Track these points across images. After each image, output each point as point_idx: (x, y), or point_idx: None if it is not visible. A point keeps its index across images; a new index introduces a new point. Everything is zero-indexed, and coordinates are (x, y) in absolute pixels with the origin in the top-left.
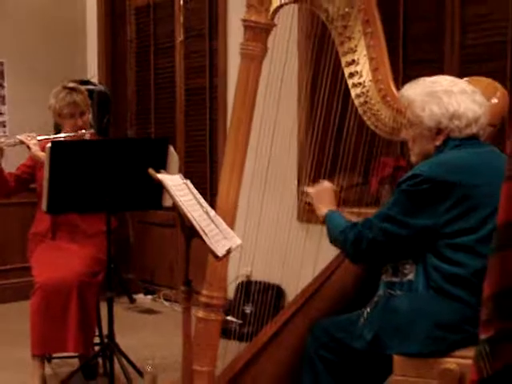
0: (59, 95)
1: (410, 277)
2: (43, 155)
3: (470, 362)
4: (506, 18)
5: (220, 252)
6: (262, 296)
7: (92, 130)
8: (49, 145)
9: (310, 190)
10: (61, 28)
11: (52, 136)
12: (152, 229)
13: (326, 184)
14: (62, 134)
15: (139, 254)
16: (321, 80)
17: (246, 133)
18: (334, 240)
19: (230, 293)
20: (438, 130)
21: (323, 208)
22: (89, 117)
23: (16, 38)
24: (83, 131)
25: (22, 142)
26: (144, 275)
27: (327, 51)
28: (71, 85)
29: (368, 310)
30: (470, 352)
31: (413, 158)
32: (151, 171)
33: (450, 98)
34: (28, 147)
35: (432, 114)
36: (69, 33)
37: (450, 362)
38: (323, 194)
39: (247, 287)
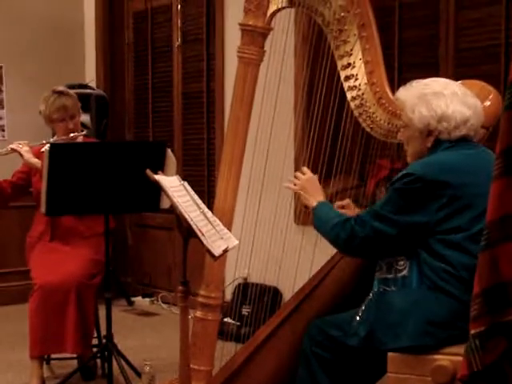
0: (48, 100)
1: (404, 273)
2: (36, 161)
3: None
4: (498, 23)
5: (217, 252)
6: (259, 298)
7: (84, 132)
8: (47, 147)
9: (295, 181)
10: (59, 33)
11: (44, 141)
12: (150, 232)
13: (308, 173)
14: (53, 139)
15: (137, 257)
16: (317, 83)
17: (243, 136)
18: (323, 233)
19: (228, 295)
20: (428, 132)
21: (311, 199)
22: (79, 119)
23: (14, 42)
24: (75, 134)
25: (14, 151)
26: (142, 278)
27: (323, 54)
28: (60, 88)
29: (363, 307)
30: (463, 349)
31: (408, 159)
32: (149, 172)
33: (439, 100)
34: (20, 155)
35: (421, 116)
36: (67, 37)
37: (443, 359)
38: (309, 183)
39: (244, 289)
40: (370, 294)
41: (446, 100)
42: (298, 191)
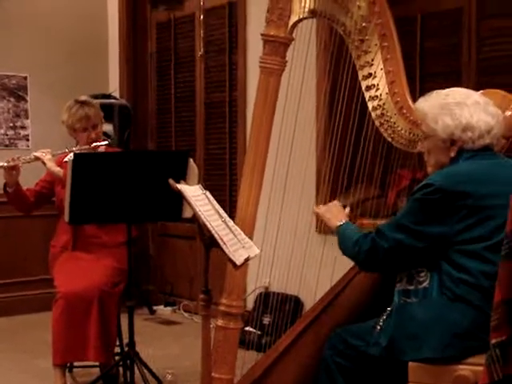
0: (71, 110)
1: (425, 284)
2: (59, 170)
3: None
4: None
5: (238, 261)
6: (280, 307)
7: (106, 142)
8: (71, 156)
9: (318, 209)
10: (83, 43)
11: (66, 150)
12: (172, 241)
13: (333, 202)
14: (76, 148)
15: (159, 266)
16: (338, 93)
17: (265, 145)
18: (346, 251)
19: (249, 304)
20: (452, 142)
21: (334, 220)
22: (102, 129)
23: (39, 52)
24: (97, 144)
25: (37, 159)
26: (164, 287)
27: (344, 64)
28: (82, 98)
29: (384, 317)
30: (484, 359)
31: (429, 169)
32: (171, 181)
33: (463, 109)
34: (43, 163)
35: (445, 126)
36: (91, 47)
37: (465, 369)
38: (332, 208)
39: (266, 298)
40: (391, 305)
41: (469, 109)
42: (322, 214)
